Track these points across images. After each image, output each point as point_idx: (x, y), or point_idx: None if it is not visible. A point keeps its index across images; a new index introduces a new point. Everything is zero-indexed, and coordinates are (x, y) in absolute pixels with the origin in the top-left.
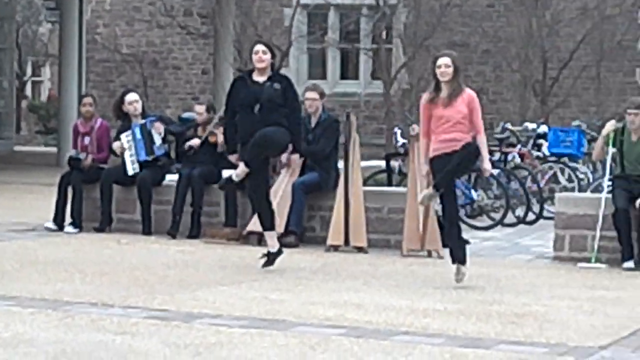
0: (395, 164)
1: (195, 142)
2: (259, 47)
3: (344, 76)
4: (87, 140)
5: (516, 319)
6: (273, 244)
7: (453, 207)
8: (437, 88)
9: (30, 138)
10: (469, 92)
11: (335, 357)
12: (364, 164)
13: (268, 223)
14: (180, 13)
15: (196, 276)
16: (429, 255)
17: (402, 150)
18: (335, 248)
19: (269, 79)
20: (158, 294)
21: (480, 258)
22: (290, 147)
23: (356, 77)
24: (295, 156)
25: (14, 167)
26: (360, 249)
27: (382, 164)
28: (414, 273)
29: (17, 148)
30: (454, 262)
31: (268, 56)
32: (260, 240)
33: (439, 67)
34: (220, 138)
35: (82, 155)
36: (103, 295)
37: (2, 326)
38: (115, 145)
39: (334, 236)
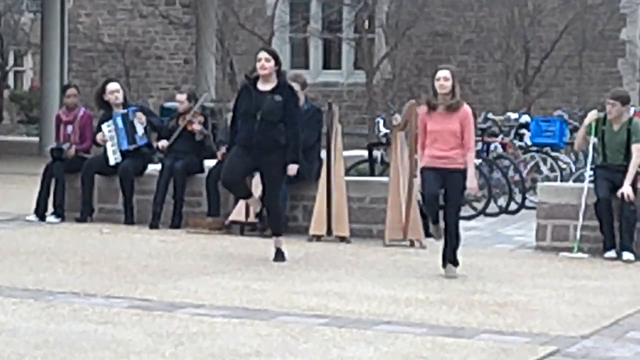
0: (377, 153)
1: (163, 143)
2: (262, 55)
3: (326, 66)
4: (69, 129)
5: (498, 309)
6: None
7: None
8: (435, 101)
9: (12, 128)
10: (464, 109)
11: (317, 347)
12: (346, 153)
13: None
14: (162, 2)
15: (178, 266)
16: (412, 244)
17: (384, 140)
18: (318, 238)
19: (273, 89)
20: (140, 283)
21: (462, 248)
22: None
23: (339, 67)
24: (294, 166)
25: None
26: (342, 239)
27: (365, 153)
28: (396, 263)
29: None
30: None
31: (271, 64)
32: (243, 230)
33: (438, 79)
34: (198, 127)
35: (64, 146)
36: (85, 285)
37: None
38: (98, 136)
39: (317, 226)
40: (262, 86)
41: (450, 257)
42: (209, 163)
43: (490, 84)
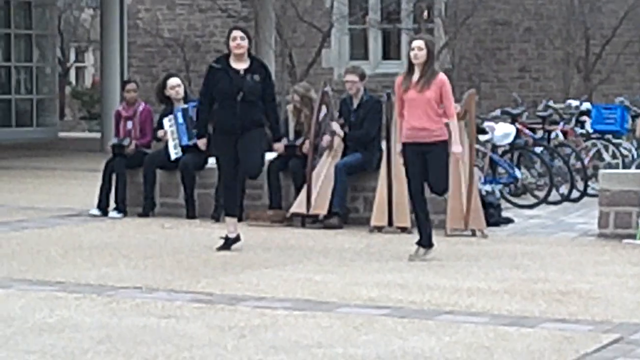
0: None
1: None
2: (237, 33)
3: (385, 57)
4: (129, 124)
5: (561, 297)
6: (233, 230)
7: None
8: (411, 70)
9: (74, 124)
10: (440, 77)
11: (379, 338)
12: None
13: (232, 209)
14: None
15: (240, 259)
16: (473, 234)
17: None
18: (379, 229)
19: (249, 68)
20: (202, 277)
21: (524, 236)
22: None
23: (398, 58)
24: (279, 144)
25: (58, 153)
26: (403, 230)
27: None
28: (457, 252)
29: (62, 134)
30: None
31: (246, 42)
32: (304, 222)
33: (412, 49)
34: None
35: (125, 141)
36: (147, 279)
37: (47, 311)
38: (160, 132)
39: (378, 217)
40: (237, 65)
41: (425, 239)
42: (269, 156)
43: (550, 71)
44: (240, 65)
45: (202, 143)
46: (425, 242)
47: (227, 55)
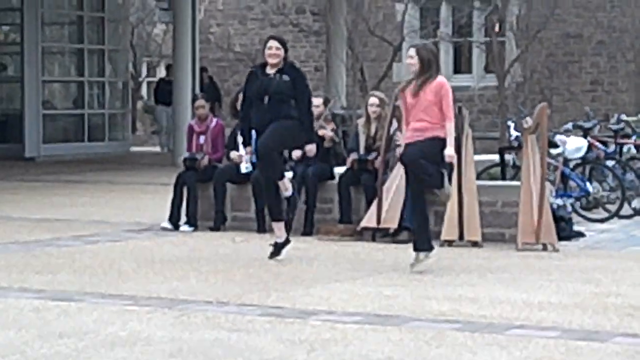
0: (508, 157)
1: (297, 153)
2: (273, 43)
3: (457, 70)
4: (202, 139)
5: (633, 312)
6: (280, 235)
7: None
8: (411, 78)
9: (146, 138)
10: (438, 80)
11: (450, 352)
12: (477, 157)
13: (276, 213)
14: (292, 11)
15: (310, 272)
16: (544, 248)
17: (515, 144)
18: (450, 243)
19: (279, 70)
20: (273, 291)
21: (596, 250)
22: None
23: (469, 71)
24: (312, 146)
25: (129, 167)
26: (474, 244)
27: (496, 157)
28: (529, 266)
29: (133, 149)
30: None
31: (281, 52)
32: (374, 236)
33: (407, 57)
34: (330, 133)
35: (198, 155)
36: (218, 293)
37: (119, 325)
38: (233, 154)
39: (448, 231)
40: (269, 71)
41: (425, 242)
42: (339, 170)
43: (622, 84)
44: (272, 70)
45: (248, 151)
46: (426, 246)
47: (264, 64)
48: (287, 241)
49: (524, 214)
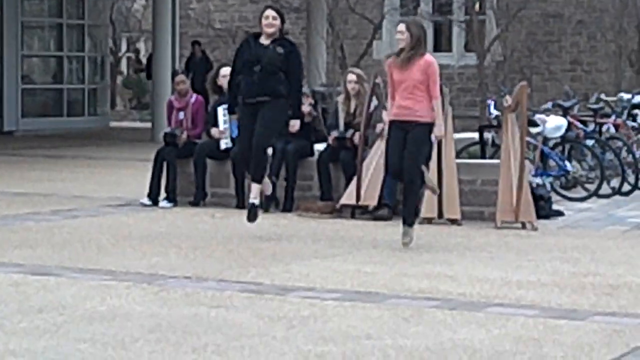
0: (488, 135)
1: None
2: (270, 13)
3: (437, 48)
4: (181, 115)
5: (611, 290)
6: (256, 196)
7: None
8: (400, 51)
9: (125, 114)
10: (426, 58)
11: (428, 329)
12: (457, 136)
13: (259, 175)
14: None
15: (290, 249)
16: (523, 227)
17: (495, 122)
18: (429, 220)
19: (273, 41)
20: (252, 267)
21: (575, 229)
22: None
23: (449, 50)
24: (296, 121)
25: (109, 142)
26: (453, 222)
27: (476, 136)
28: (508, 245)
29: (113, 124)
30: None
31: (278, 22)
32: (354, 213)
33: (397, 33)
34: (307, 108)
35: (177, 131)
36: (197, 269)
37: (98, 300)
38: (214, 131)
39: (428, 209)
40: (264, 41)
41: (407, 218)
42: (319, 147)
43: (602, 64)
44: (267, 41)
45: (234, 118)
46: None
47: (259, 33)
48: (261, 205)
49: (503, 193)
